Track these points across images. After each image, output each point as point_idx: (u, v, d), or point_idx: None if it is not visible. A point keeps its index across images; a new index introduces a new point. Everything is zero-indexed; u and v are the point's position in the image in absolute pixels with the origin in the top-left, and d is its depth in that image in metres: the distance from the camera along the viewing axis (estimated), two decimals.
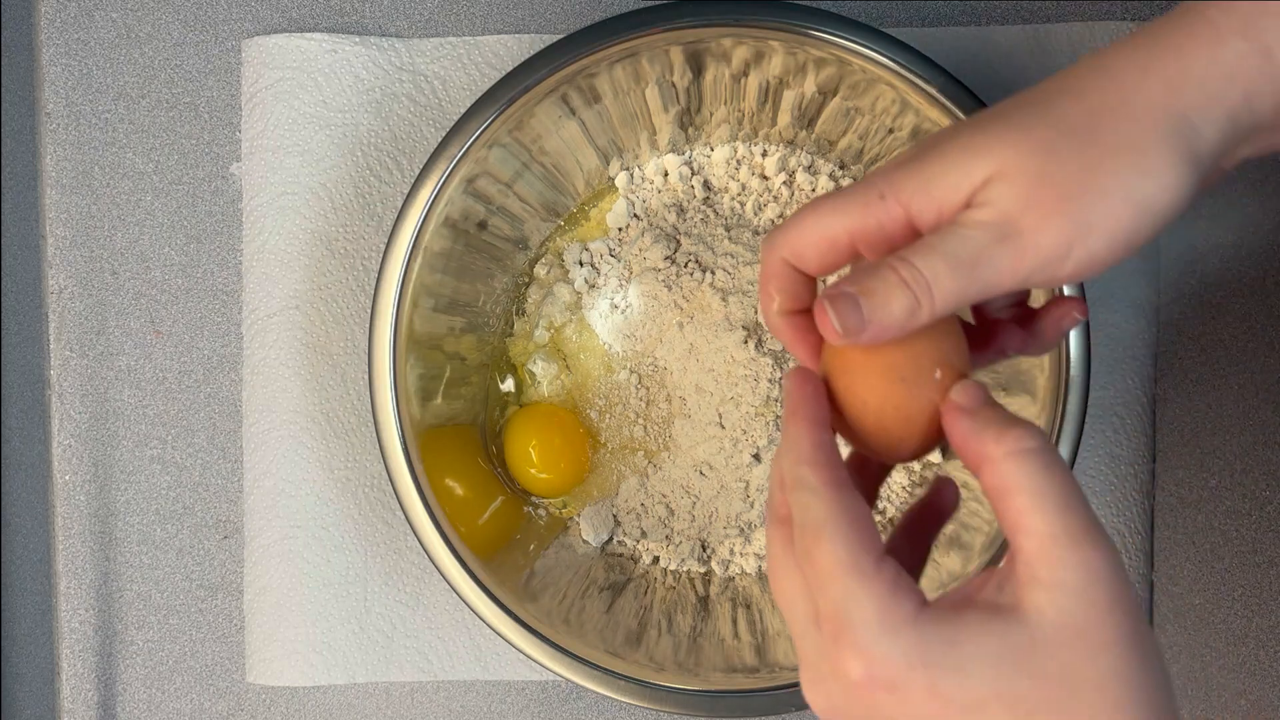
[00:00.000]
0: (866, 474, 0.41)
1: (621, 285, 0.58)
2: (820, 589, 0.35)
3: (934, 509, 0.41)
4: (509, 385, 0.60)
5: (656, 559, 0.60)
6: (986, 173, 0.35)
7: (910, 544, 0.40)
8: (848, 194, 0.38)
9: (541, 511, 0.60)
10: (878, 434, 0.38)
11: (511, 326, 0.60)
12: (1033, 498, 0.34)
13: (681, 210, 0.59)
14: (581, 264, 0.59)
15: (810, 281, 0.39)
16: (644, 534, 0.59)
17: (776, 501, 0.37)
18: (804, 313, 0.40)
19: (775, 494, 0.37)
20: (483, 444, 0.59)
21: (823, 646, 0.35)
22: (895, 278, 0.36)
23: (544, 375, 0.59)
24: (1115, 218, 0.35)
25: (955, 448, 0.36)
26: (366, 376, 0.54)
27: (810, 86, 0.54)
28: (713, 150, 0.59)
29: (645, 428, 0.59)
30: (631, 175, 0.59)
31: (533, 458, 0.58)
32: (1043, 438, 0.35)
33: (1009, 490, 0.34)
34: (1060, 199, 0.35)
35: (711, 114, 0.57)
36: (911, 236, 0.37)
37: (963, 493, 0.56)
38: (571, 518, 0.60)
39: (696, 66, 0.54)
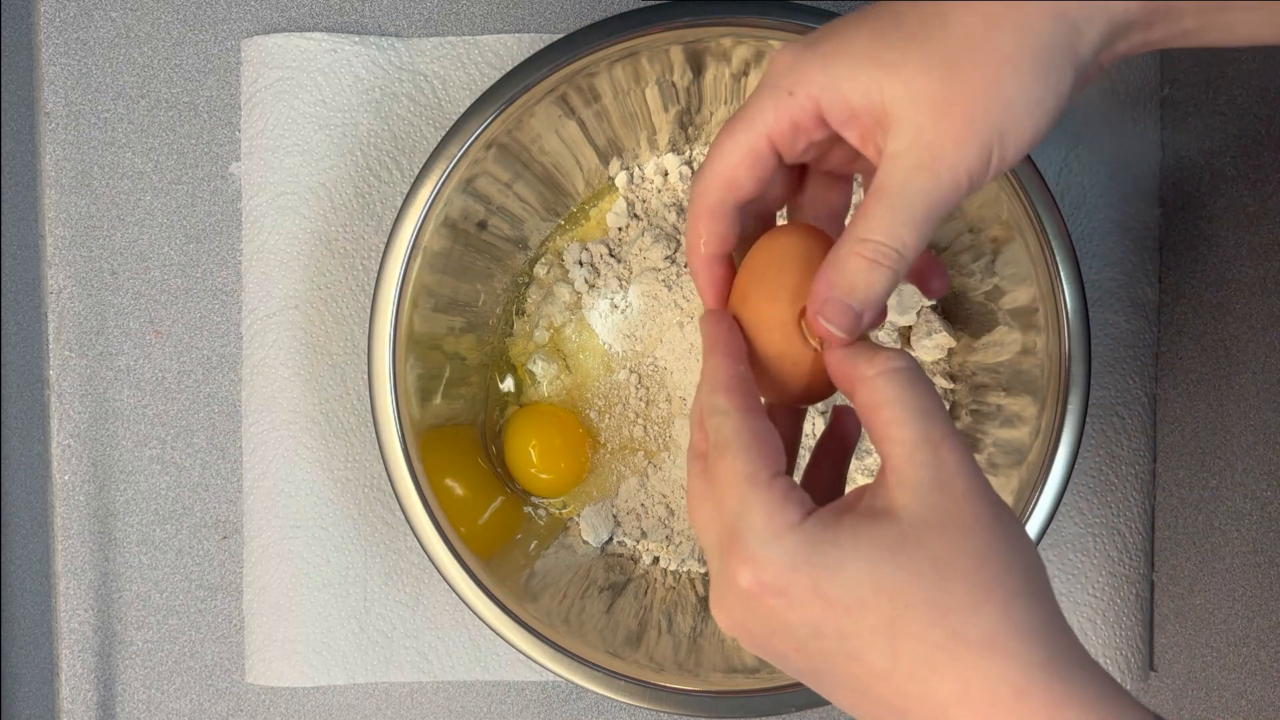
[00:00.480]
0: (783, 418, 0.43)
1: (621, 285, 0.58)
2: (720, 503, 0.37)
3: (839, 437, 0.43)
4: (509, 385, 0.60)
5: (656, 559, 0.60)
6: (895, 91, 0.37)
7: (824, 474, 0.43)
8: (754, 102, 0.39)
9: (541, 512, 0.60)
10: (775, 378, 0.41)
11: (511, 326, 0.60)
12: (899, 409, 0.36)
13: (681, 210, 0.59)
14: (581, 264, 0.59)
15: (735, 222, 0.41)
16: (644, 534, 0.59)
17: (696, 438, 0.39)
18: (723, 259, 0.41)
19: (695, 430, 0.39)
20: (482, 444, 0.59)
21: (724, 563, 0.36)
22: (864, 262, 0.37)
23: (544, 375, 0.59)
24: (1021, 126, 0.37)
25: (832, 375, 0.39)
26: (366, 376, 0.54)
27: None
28: None
29: (645, 428, 0.59)
30: (631, 175, 0.59)
31: (532, 458, 0.58)
32: (908, 358, 0.38)
33: (879, 404, 0.37)
34: (970, 120, 0.37)
35: (712, 114, 0.57)
36: (822, 127, 0.39)
37: None
38: (571, 518, 0.60)
39: (696, 66, 0.54)
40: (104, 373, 0.61)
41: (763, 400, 0.40)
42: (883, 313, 0.40)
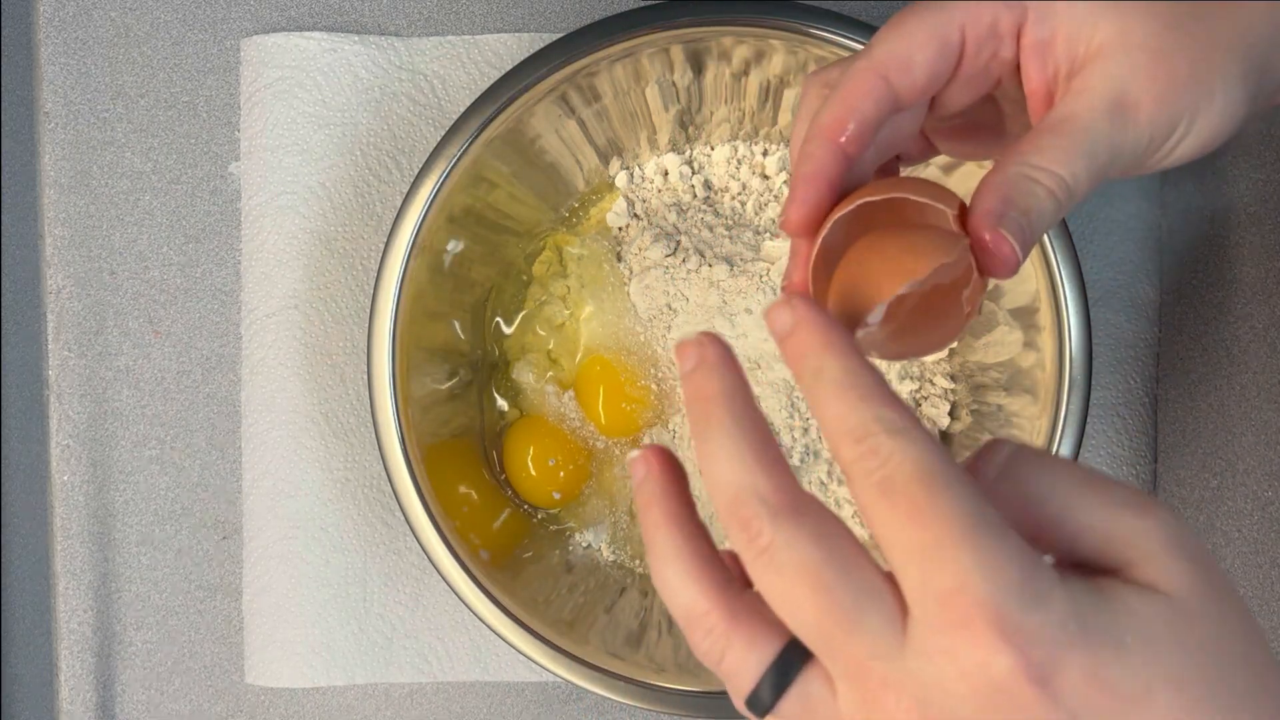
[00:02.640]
0: None
1: (623, 284, 0.58)
2: (930, 557, 0.26)
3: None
4: (507, 388, 0.60)
5: None
6: (1111, 28, 0.34)
7: None
8: None
9: (541, 513, 0.60)
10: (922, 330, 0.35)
11: (510, 327, 0.60)
12: (1075, 478, 0.29)
13: (682, 210, 0.59)
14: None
15: (875, 129, 0.35)
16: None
17: (788, 499, 0.29)
18: (837, 175, 0.35)
19: (785, 488, 0.29)
20: (482, 453, 0.59)
21: (925, 643, 0.27)
22: (1042, 189, 0.33)
23: (543, 376, 0.59)
24: (1210, 117, 0.34)
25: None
26: (365, 376, 0.54)
27: None
28: (713, 149, 0.59)
29: (646, 430, 0.59)
30: (631, 175, 0.59)
31: (531, 470, 0.58)
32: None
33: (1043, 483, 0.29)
34: (1175, 85, 0.34)
35: (712, 113, 0.57)
36: (1012, 43, 0.35)
37: None
38: (572, 521, 0.60)
39: (697, 65, 0.54)
40: (103, 373, 0.61)
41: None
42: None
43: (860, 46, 0.51)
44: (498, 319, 0.60)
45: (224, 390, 0.61)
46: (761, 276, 0.57)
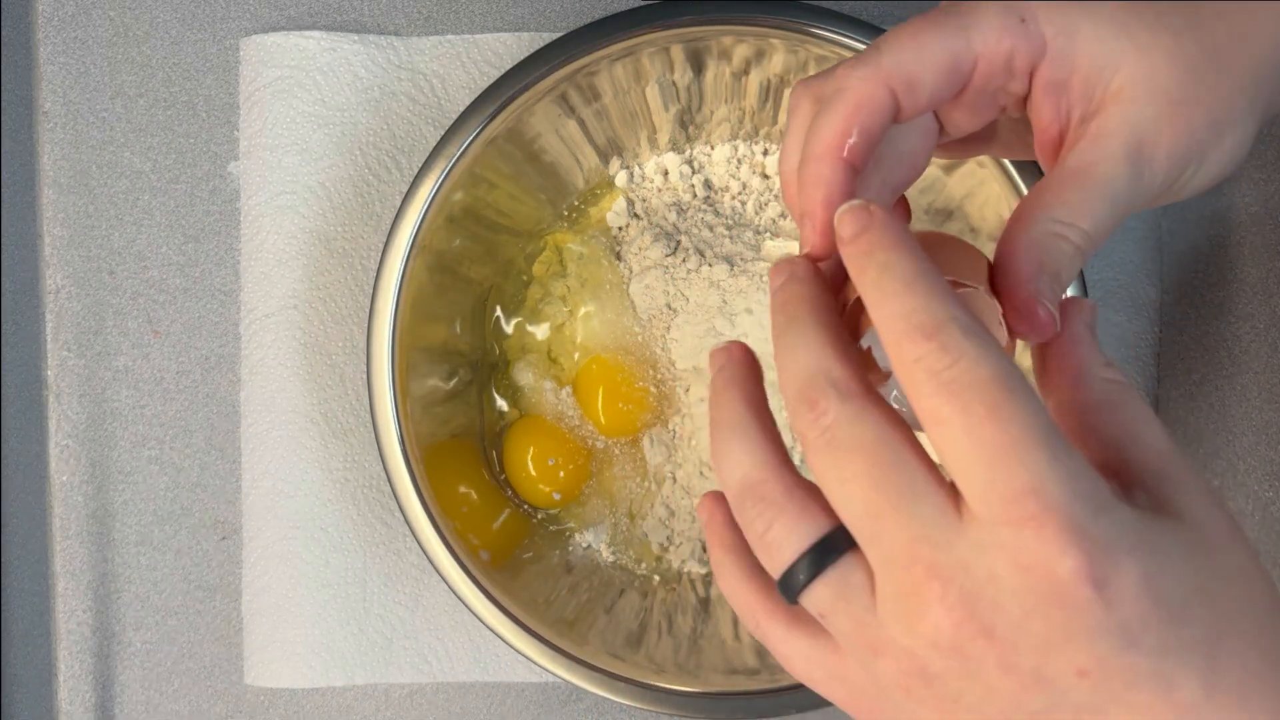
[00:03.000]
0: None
1: (622, 284, 0.58)
2: (1002, 458, 0.27)
3: None
4: (506, 388, 0.60)
5: (657, 559, 0.59)
6: (1135, 73, 0.33)
7: None
8: (973, 9, 0.33)
9: (541, 513, 0.60)
10: None
11: (510, 326, 0.60)
12: (1146, 411, 0.31)
13: (682, 209, 0.59)
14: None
15: (875, 144, 0.34)
16: (645, 534, 0.59)
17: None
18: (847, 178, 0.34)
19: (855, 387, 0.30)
20: (482, 453, 0.59)
21: (986, 535, 0.27)
22: (1070, 247, 0.33)
23: (543, 376, 0.59)
24: (1221, 155, 0.35)
25: (1049, 362, 0.33)
26: (365, 376, 0.54)
27: None
28: (713, 149, 0.59)
29: (646, 430, 0.59)
30: (631, 174, 0.59)
31: (531, 470, 0.58)
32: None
33: (1122, 404, 0.31)
34: (1191, 131, 0.34)
35: (712, 112, 0.57)
36: (1023, 80, 0.34)
37: None
38: (572, 522, 0.60)
39: (697, 65, 0.54)
40: (102, 373, 0.61)
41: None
42: None
43: (860, 46, 0.51)
44: (498, 319, 0.60)
45: (223, 390, 0.61)
46: (762, 276, 0.57)
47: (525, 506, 0.59)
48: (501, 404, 0.60)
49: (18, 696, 0.62)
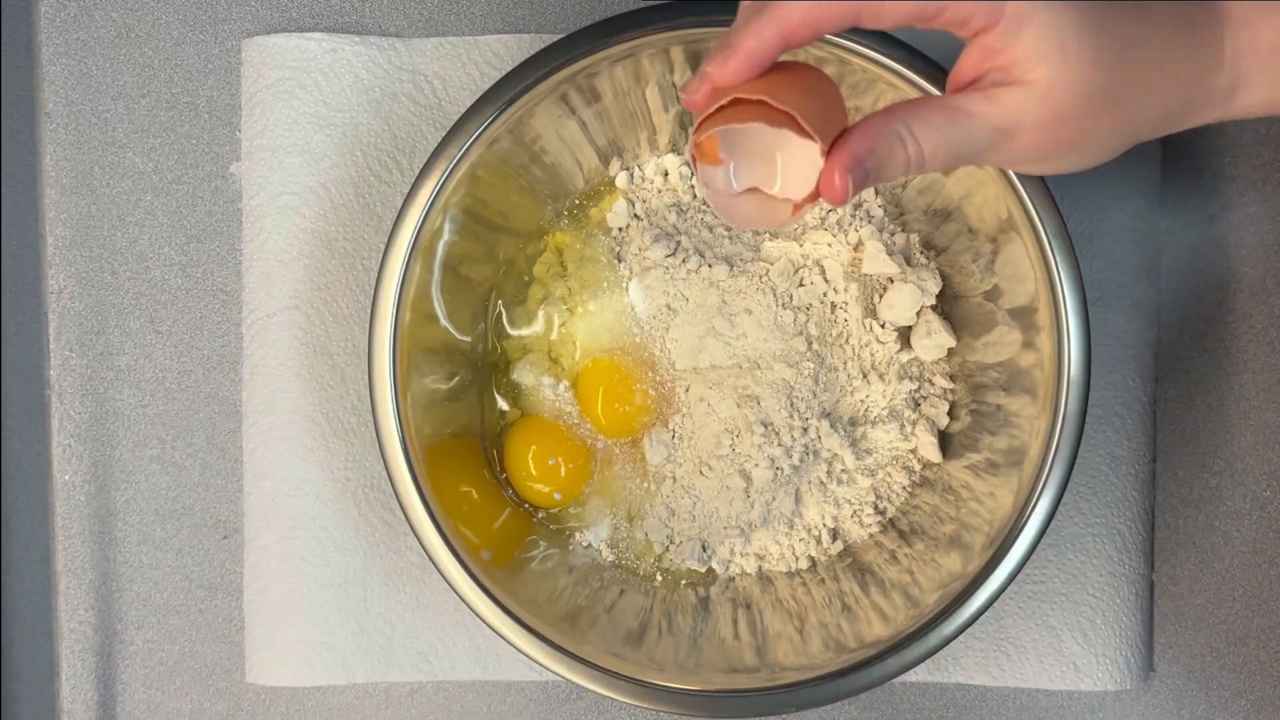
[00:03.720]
0: None
1: (622, 285, 0.58)
2: None
3: None
4: (507, 388, 0.60)
5: (657, 559, 0.60)
6: (1043, 75, 0.39)
7: None
8: None
9: (542, 513, 0.60)
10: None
11: (511, 327, 0.60)
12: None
13: (682, 210, 0.59)
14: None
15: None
16: (645, 534, 0.59)
17: None
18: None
19: None
20: (483, 453, 0.59)
21: None
22: (904, 155, 0.40)
23: (543, 376, 0.59)
24: (1062, 170, 0.42)
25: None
26: (366, 376, 0.54)
27: None
28: None
29: (647, 431, 0.59)
30: (631, 175, 0.59)
31: (532, 470, 0.58)
32: None
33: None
34: (1059, 146, 0.41)
35: None
36: (961, 31, 0.40)
37: (962, 493, 0.56)
38: (572, 520, 0.60)
39: (697, 66, 0.54)
40: (104, 372, 0.61)
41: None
42: None
43: (857, 47, 0.51)
44: (498, 319, 0.60)
45: (225, 390, 0.61)
46: (761, 277, 0.57)
47: (526, 506, 0.59)
48: (502, 404, 0.60)
49: (20, 694, 0.62)
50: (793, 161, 0.42)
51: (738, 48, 0.40)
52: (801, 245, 0.57)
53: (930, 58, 0.51)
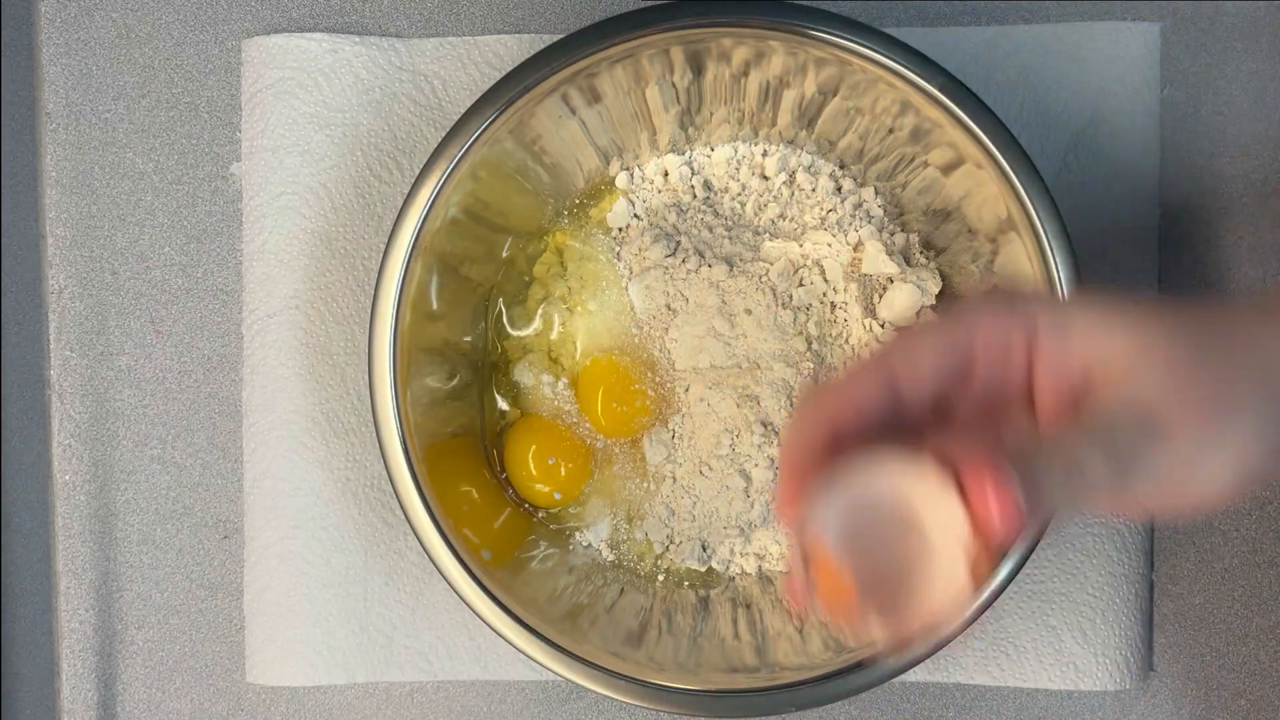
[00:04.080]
0: None
1: (622, 285, 0.58)
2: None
3: None
4: (507, 388, 0.60)
5: (657, 559, 0.60)
6: (1125, 343, 0.34)
7: None
8: (969, 303, 0.37)
9: (542, 513, 0.60)
10: None
11: (511, 327, 0.60)
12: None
13: (682, 210, 0.59)
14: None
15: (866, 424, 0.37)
16: (645, 534, 0.59)
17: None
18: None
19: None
20: (483, 453, 0.59)
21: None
22: (1061, 474, 0.33)
23: (543, 375, 0.59)
24: (1244, 442, 0.33)
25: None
26: (366, 376, 0.54)
27: (810, 86, 0.54)
28: (713, 150, 0.59)
29: (648, 430, 0.59)
30: (632, 175, 0.59)
31: (532, 470, 0.58)
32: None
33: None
34: (1203, 404, 0.33)
35: (712, 114, 0.57)
36: (1014, 368, 0.36)
37: None
38: (572, 520, 0.60)
39: (697, 66, 0.54)
40: (105, 372, 0.61)
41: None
42: None
43: (858, 48, 0.51)
44: (499, 319, 0.60)
45: (225, 390, 0.61)
46: (761, 277, 0.57)
47: (526, 506, 0.60)
48: (502, 404, 0.60)
49: (20, 694, 0.62)
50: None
51: (783, 467, 0.38)
52: (801, 245, 0.57)
53: (933, 60, 0.51)
